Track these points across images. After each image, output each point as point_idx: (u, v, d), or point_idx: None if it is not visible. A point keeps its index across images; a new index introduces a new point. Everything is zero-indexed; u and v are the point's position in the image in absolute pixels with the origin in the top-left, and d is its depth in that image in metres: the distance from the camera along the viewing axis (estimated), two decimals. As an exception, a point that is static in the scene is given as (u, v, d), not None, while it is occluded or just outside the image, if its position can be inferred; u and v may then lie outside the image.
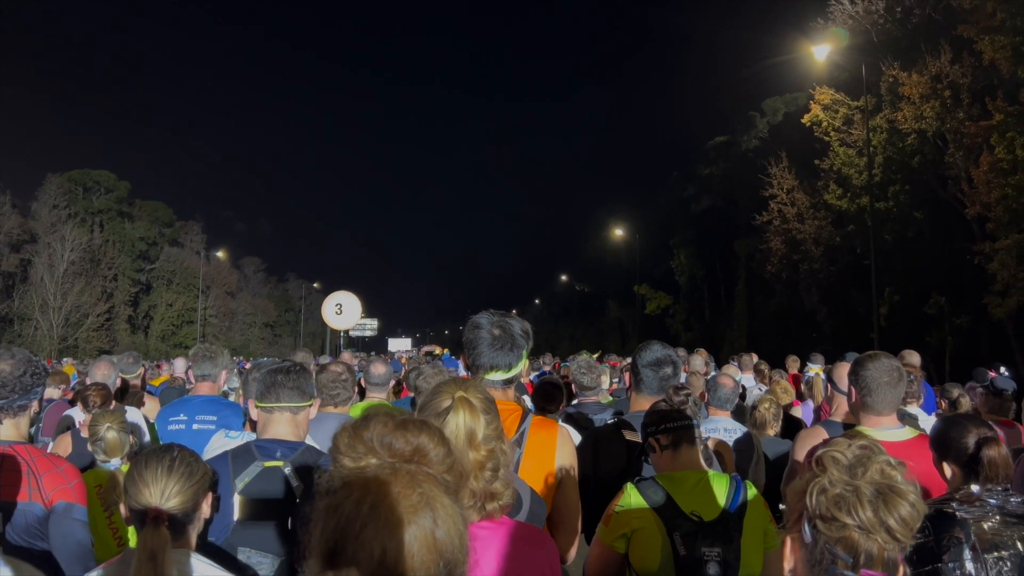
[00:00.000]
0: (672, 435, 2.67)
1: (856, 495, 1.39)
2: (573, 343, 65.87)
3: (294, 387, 2.67)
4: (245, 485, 2.46)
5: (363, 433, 1.17)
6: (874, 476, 1.40)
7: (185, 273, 66.93)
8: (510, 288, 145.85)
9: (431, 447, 1.18)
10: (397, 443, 1.17)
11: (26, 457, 2.66)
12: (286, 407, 2.65)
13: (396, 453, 1.16)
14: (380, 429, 1.18)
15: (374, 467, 1.13)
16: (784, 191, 35.22)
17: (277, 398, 2.65)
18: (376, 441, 1.16)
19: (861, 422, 3.12)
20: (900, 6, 28.64)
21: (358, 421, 1.21)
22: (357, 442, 1.16)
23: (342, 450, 1.17)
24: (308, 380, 2.74)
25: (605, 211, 66.22)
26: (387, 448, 1.16)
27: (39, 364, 2.90)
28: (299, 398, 2.67)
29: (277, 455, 2.53)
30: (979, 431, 2.48)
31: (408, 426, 1.20)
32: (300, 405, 2.68)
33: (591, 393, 5.34)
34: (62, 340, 52.93)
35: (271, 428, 2.65)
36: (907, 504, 1.38)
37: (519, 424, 2.60)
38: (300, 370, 2.74)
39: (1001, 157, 22.53)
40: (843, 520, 1.38)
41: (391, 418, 1.21)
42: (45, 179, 58.07)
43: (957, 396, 6.23)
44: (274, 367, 2.77)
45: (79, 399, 4.89)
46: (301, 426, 2.68)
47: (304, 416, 2.71)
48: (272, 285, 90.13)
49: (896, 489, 1.39)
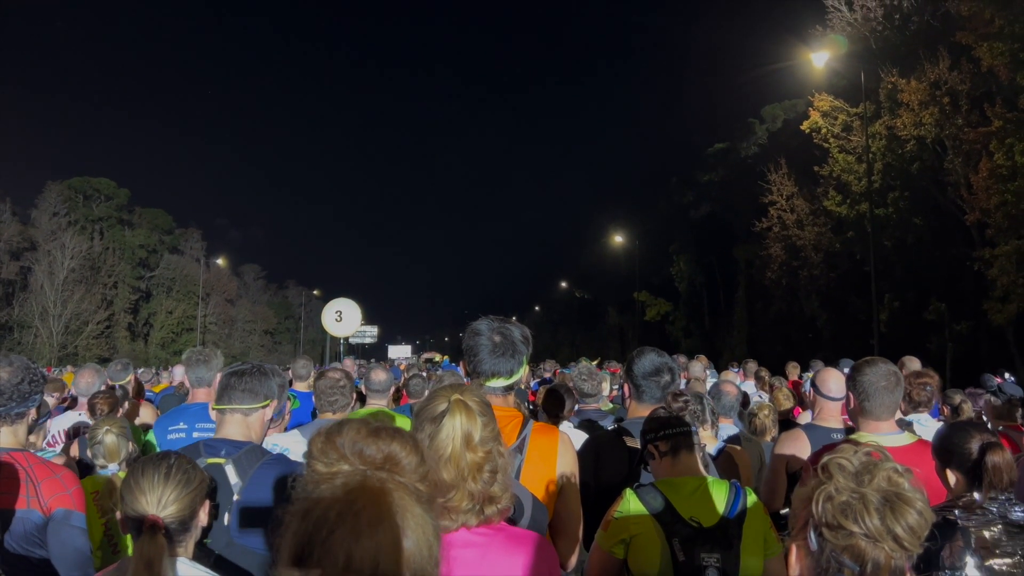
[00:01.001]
0: (671, 441, 2.67)
1: (863, 503, 1.37)
2: (573, 350, 65.91)
3: (245, 389, 2.73)
4: None
5: (336, 439, 1.17)
6: (881, 483, 1.39)
7: (185, 280, 66.98)
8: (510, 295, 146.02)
9: (403, 455, 1.18)
10: (368, 450, 1.16)
11: (24, 464, 2.65)
12: (237, 408, 2.71)
13: (367, 460, 1.15)
14: (353, 435, 1.17)
15: (345, 473, 1.13)
16: (783, 197, 35.27)
17: (229, 400, 2.72)
18: (348, 447, 1.16)
19: (860, 428, 3.12)
20: (898, 13, 28.73)
21: (333, 427, 1.21)
22: (330, 448, 1.17)
23: (315, 455, 1.17)
24: (263, 382, 2.78)
25: (604, 218, 66.29)
26: (358, 455, 1.16)
27: (37, 372, 2.90)
28: (250, 400, 2.73)
29: (222, 453, 2.57)
30: (982, 436, 2.46)
31: (381, 433, 1.19)
32: (251, 407, 2.72)
33: (592, 400, 5.34)
34: (62, 348, 52.92)
35: (222, 428, 2.72)
36: (914, 512, 1.36)
37: (520, 431, 2.59)
38: (255, 372, 2.79)
39: (1000, 163, 22.56)
40: (850, 528, 1.37)
41: (365, 425, 1.21)
42: (45, 187, 58.23)
43: (959, 402, 6.20)
44: (230, 370, 2.83)
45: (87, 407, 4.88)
46: (253, 427, 2.74)
47: (257, 417, 2.75)
48: (272, 292, 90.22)
49: (903, 497, 1.37)
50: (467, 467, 1.82)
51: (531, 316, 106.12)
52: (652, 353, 3.40)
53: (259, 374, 2.79)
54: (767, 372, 9.90)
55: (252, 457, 2.57)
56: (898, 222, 28.30)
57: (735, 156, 47.09)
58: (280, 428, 4.04)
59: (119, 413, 4.94)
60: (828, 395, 3.91)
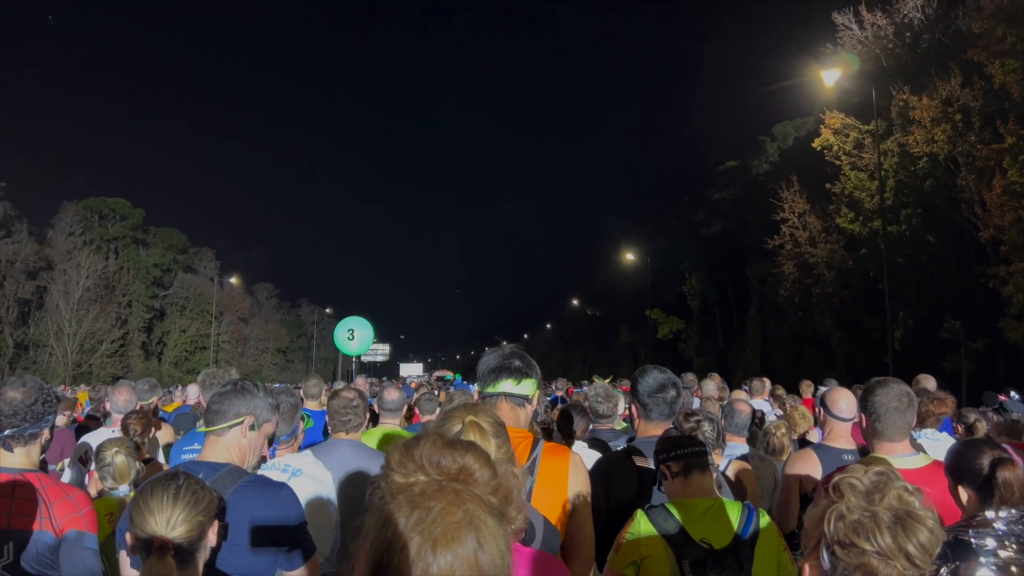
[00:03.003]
0: (683, 462, 2.65)
1: (874, 521, 1.38)
2: (585, 368, 65.64)
3: (215, 410, 2.66)
4: None
5: (414, 451, 1.20)
6: (892, 502, 1.40)
7: (199, 299, 67.27)
8: (521, 313, 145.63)
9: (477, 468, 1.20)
10: (444, 461, 1.19)
11: (37, 485, 2.67)
12: (210, 430, 2.66)
13: (443, 471, 1.18)
14: (429, 447, 1.20)
15: (422, 483, 1.16)
16: (795, 215, 35.19)
17: (206, 421, 2.68)
18: (425, 459, 1.19)
19: (874, 449, 3.09)
20: (909, 31, 28.77)
21: (410, 440, 1.24)
22: (408, 459, 1.19)
23: (393, 467, 1.19)
24: (233, 400, 2.68)
25: (616, 235, 66.35)
26: (435, 466, 1.18)
27: (50, 392, 2.90)
28: (218, 419, 2.64)
29: (199, 476, 2.52)
30: (993, 453, 2.44)
31: (456, 446, 1.23)
32: (220, 427, 2.64)
33: (607, 421, 5.31)
34: (76, 367, 53.19)
35: (206, 450, 2.66)
36: (926, 530, 1.37)
37: (531, 451, 2.59)
38: (226, 391, 2.71)
39: (1014, 180, 22.47)
40: (862, 546, 1.37)
41: (440, 437, 1.24)
42: (62, 207, 58.86)
43: (973, 421, 6.15)
44: (215, 390, 2.76)
45: (120, 426, 4.91)
46: (230, 447, 2.64)
47: (232, 436, 2.65)
48: (285, 311, 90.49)
49: (914, 515, 1.38)
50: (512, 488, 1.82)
51: (543, 334, 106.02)
52: (655, 371, 3.40)
53: (232, 392, 2.70)
54: (783, 390, 9.82)
55: (229, 480, 2.50)
56: (911, 239, 28.17)
57: (747, 174, 47.05)
58: (293, 448, 4.05)
59: (152, 434, 4.97)
60: (839, 415, 3.87)
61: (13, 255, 52.10)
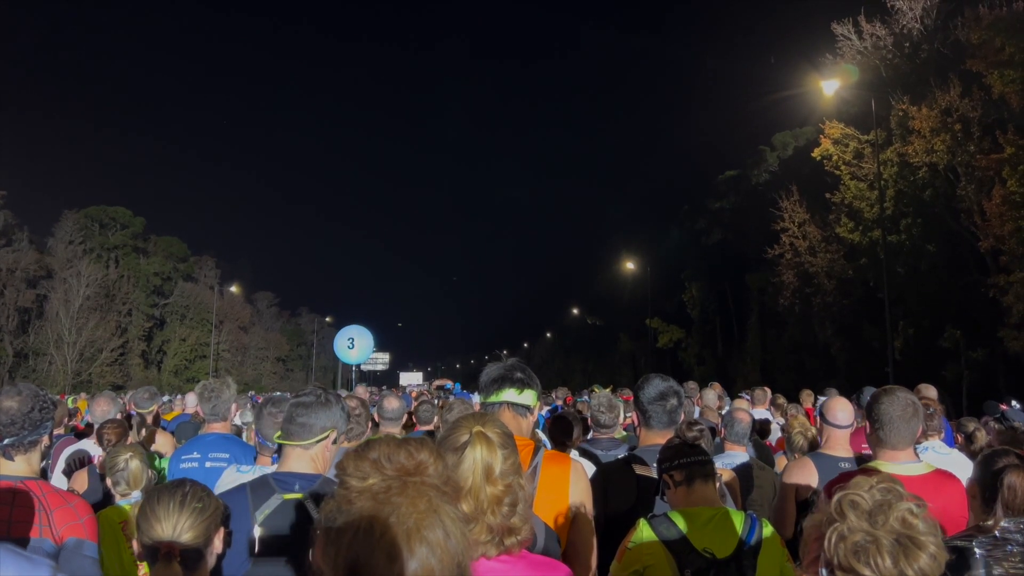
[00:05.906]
0: (686, 471, 2.65)
1: (876, 545, 1.37)
2: (585, 377, 65.62)
3: (302, 424, 2.65)
4: (265, 518, 2.44)
5: (367, 454, 1.24)
6: (894, 525, 1.38)
7: (199, 308, 67.24)
8: (521, 322, 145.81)
9: (431, 462, 1.25)
10: (401, 458, 1.23)
11: (37, 493, 2.66)
12: (296, 444, 2.65)
13: (400, 468, 1.22)
14: (384, 448, 1.25)
15: (380, 483, 1.19)
16: (795, 224, 35.23)
17: (288, 434, 2.66)
18: (383, 458, 1.22)
19: (877, 456, 3.09)
20: (908, 41, 28.87)
21: (360, 446, 1.29)
22: (363, 462, 1.22)
23: (349, 471, 1.22)
24: (320, 414, 2.69)
25: (616, 244, 66.39)
26: (393, 464, 1.22)
27: (47, 399, 2.89)
28: (306, 434, 2.64)
29: (296, 488, 2.53)
30: (1006, 460, 2.42)
31: (408, 443, 1.28)
32: (310, 441, 2.65)
33: (608, 431, 5.30)
34: (76, 375, 53.12)
35: (287, 461, 2.65)
36: (927, 556, 1.35)
37: (532, 458, 2.59)
38: (313, 404, 2.70)
39: (1013, 190, 22.52)
40: (861, 571, 1.36)
41: (392, 439, 1.29)
42: (62, 215, 58.87)
43: (973, 430, 6.14)
44: (294, 400, 2.75)
45: (95, 436, 4.89)
46: (317, 459, 2.66)
47: (320, 449, 2.67)
48: (285, 319, 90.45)
49: (916, 540, 1.36)
50: (486, 500, 1.81)
51: (543, 343, 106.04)
52: (656, 379, 3.43)
53: (317, 405, 2.70)
54: (784, 399, 9.81)
55: (327, 488, 2.51)
56: (911, 249, 28.20)
57: (746, 183, 47.16)
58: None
59: (128, 442, 4.94)
60: (836, 423, 3.91)
61: (13, 263, 52.07)
